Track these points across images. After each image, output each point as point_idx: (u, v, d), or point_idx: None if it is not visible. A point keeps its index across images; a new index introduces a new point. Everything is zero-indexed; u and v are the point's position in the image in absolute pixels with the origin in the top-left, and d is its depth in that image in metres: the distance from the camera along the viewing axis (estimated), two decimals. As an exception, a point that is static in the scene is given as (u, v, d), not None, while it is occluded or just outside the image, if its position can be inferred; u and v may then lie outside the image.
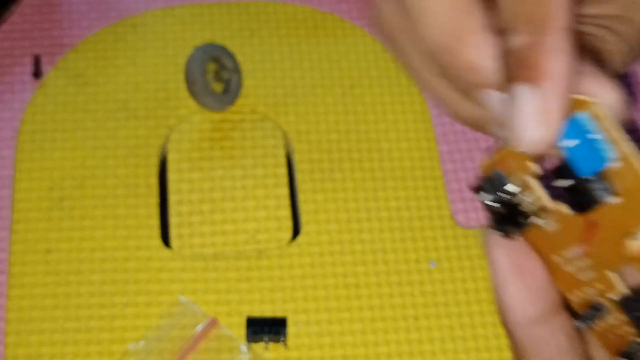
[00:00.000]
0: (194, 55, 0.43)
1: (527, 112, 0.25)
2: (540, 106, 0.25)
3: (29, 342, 0.38)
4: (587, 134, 0.24)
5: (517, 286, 0.28)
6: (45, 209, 0.41)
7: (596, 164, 0.24)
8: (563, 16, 0.25)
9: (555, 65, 0.25)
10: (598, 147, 0.24)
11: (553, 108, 0.25)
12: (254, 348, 0.38)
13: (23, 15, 0.47)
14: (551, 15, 0.25)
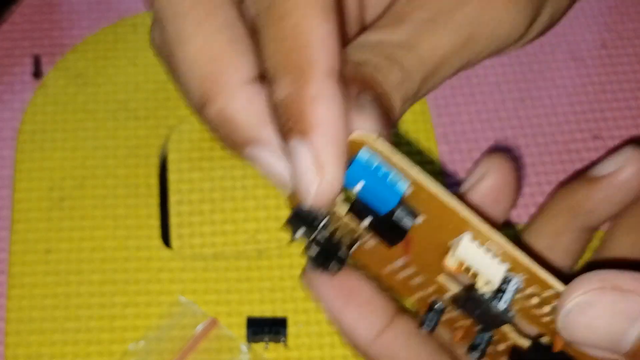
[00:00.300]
0: (194, 55, 0.43)
1: (304, 167, 0.23)
2: (315, 159, 0.23)
3: (29, 342, 0.37)
4: (374, 172, 0.24)
5: (352, 311, 0.29)
6: (45, 209, 0.41)
7: (392, 198, 0.24)
8: (325, 60, 0.24)
9: (320, 113, 0.23)
10: (388, 181, 0.24)
11: (327, 159, 0.23)
12: (254, 348, 0.38)
13: (23, 15, 0.47)
14: (311, 62, 0.24)
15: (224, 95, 0.25)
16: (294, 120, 0.24)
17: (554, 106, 0.45)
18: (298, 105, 0.23)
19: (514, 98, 0.45)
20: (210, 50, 0.26)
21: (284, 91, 0.24)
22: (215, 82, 0.25)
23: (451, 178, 0.42)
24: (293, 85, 0.24)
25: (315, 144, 0.23)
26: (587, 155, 0.43)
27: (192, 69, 0.26)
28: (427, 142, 0.43)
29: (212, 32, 0.26)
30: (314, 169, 0.23)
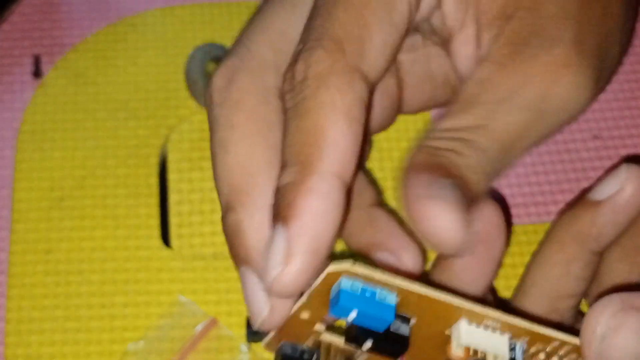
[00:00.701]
0: (194, 55, 0.43)
1: (275, 251, 0.24)
2: (286, 247, 0.24)
3: (28, 342, 0.37)
4: (361, 296, 0.24)
5: None
6: (45, 208, 0.41)
7: (388, 313, 0.24)
8: (332, 161, 0.25)
9: (307, 206, 0.24)
10: (377, 299, 0.24)
11: (297, 250, 0.24)
12: (254, 348, 0.38)
13: (23, 15, 0.47)
14: (319, 158, 0.25)
15: (245, 210, 0.27)
16: (283, 206, 0.25)
17: (554, 106, 0.45)
18: (292, 194, 0.25)
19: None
20: (249, 166, 0.27)
21: (287, 178, 0.25)
22: (244, 195, 0.27)
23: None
24: (296, 175, 0.25)
25: (291, 231, 0.24)
26: (587, 155, 0.43)
27: (226, 176, 0.28)
28: (427, 142, 0.43)
29: (256, 151, 0.27)
30: (283, 256, 0.24)
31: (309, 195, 0.24)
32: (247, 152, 0.27)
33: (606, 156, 0.43)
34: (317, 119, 0.25)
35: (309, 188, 0.24)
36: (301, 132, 0.25)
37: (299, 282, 0.24)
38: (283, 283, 0.24)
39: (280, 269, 0.24)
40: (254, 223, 0.27)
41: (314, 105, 0.25)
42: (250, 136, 0.28)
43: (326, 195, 0.24)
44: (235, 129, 0.28)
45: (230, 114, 0.28)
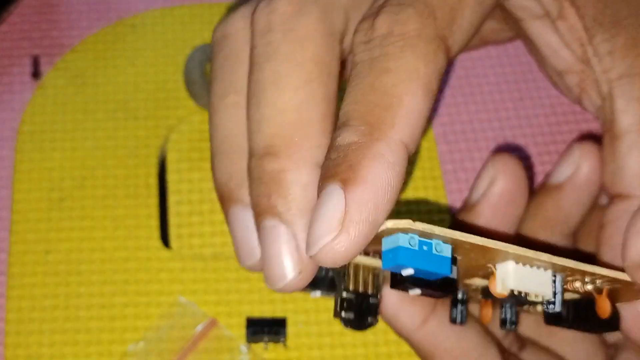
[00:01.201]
0: (193, 55, 0.43)
1: (329, 214, 0.22)
2: (343, 211, 0.22)
3: (28, 342, 0.37)
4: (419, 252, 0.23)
5: (396, 301, 0.30)
6: (44, 209, 0.41)
7: (444, 269, 0.24)
8: (404, 130, 0.23)
9: (375, 173, 0.22)
10: (434, 253, 0.24)
11: (356, 217, 0.22)
12: (253, 348, 0.38)
13: (22, 15, 0.47)
14: (391, 123, 0.23)
15: (295, 161, 0.25)
16: (345, 167, 0.22)
17: (553, 106, 0.45)
18: (357, 155, 0.23)
19: (514, 98, 0.45)
20: (306, 113, 0.25)
21: (350, 137, 0.23)
22: (295, 144, 0.25)
23: (450, 178, 0.42)
24: (363, 137, 0.23)
25: (352, 196, 0.22)
26: (587, 155, 0.43)
27: (275, 117, 0.25)
28: (427, 142, 0.43)
29: (315, 97, 0.25)
30: (338, 221, 0.22)
31: (377, 161, 0.22)
32: (306, 97, 0.25)
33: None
34: (395, 81, 0.23)
35: (378, 153, 0.22)
36: (375, 92, 0.23)
37: (351, 253, 0.22)
38: (334, 252, 0.22)
39: (333, 235, 0.22)
40: (301, 177, 0.24)
41: (396, 66, 0.23)
42: (312, 80, 0.25)
43: (394, 164, 0.23)
44: (298, 67, 0.25)
45: (295, 48, 0.25)
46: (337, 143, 0.23)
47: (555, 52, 0.31)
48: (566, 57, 0.31)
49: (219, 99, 0.28)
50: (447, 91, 0.45)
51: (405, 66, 0.24)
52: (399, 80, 0.23)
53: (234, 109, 0.27)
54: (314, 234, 0.22)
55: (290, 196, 0.24)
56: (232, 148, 0.27)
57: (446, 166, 0.43)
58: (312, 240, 0.23)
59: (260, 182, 0.25)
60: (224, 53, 0.28)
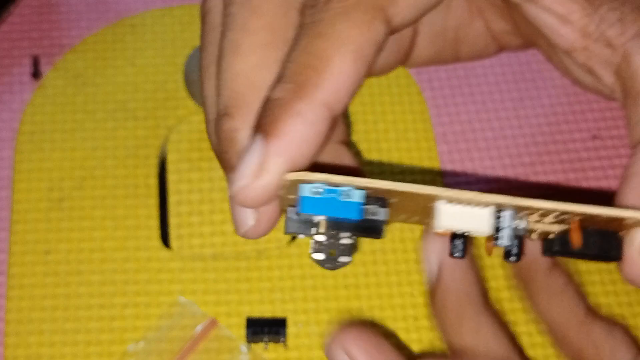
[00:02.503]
0: (193, 55, 0.43)
1: (249, 160, 0.25)
2: (261, 161, 0.24)
3: (28, 343, 0.37)
4: (324, 199, 0.25)
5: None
6: (44, 209, 0.41)
7: (352, 212, 0.25)
8: (328, 93, 0.25)
9: (292, 130, 0.24)
10: (339, 200, 0.25)
11: (270, 167, 0.24)
12: (253, 348, 0.38)
13: (22, 15, 0.47)
14: (315, 84, 0.25)
15: (243, 120, 0.26)
16: (268, 120, 0.25)
17: (553, 106, 0.45)
18: (280, 111, 0.25)
19: (514, 98, 0.45)
20: (256, 75, 0.27)
21: (278, 94, 0.25)
22: (244, 104, 0.26)
23: (450, 178, 0.42)
24: (289, 93, 0.25)
25: (269, 148, 0.24)
26: (587, 155, 0.43)
27: (231, 80, 0.27)
28: (427, 142, 0.43)
29: (266, 61, 0.27)
30: (255, 168, 0.25)
31: (296, 118, 0.24)
32: (258, 61, 0.27)
33: (606, 156, 0.43)
34: (326, 46, 0.25)
35: (298, 111, 0.25)
36: (307, 53, 0.25)
37: (263, 198, 0.25)
38: (247, 195, 0.25)
39: (249, 180, 0.25)
40: (249, 133, 0.26)
41: (329, 32, 0.25)
42: (264, 45, 0.27)
43: (312, 123, 0.25)
44: (251, 34, 0.27)
45: (249, 17, 0.27)
46: (269, 97, 0.25)
47: (556, 31, 0.31)
48: (567, 34, 0.31)
49: (204, 71, 0.30)
50: (447, 91, 0.45)
51: (337, 32, 0.25)
52: (329, 45, 0.25)
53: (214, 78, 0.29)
54: (234, 177, 0.25)
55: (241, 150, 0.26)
56: None
57: (446, 166, 0.43)
58: (232, 181, 0.25)
59: (219, 140, 0.27)
60: (206, 27, 0.31)
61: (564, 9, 0.31)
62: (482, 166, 0.43)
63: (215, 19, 0.30)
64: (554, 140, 0.43)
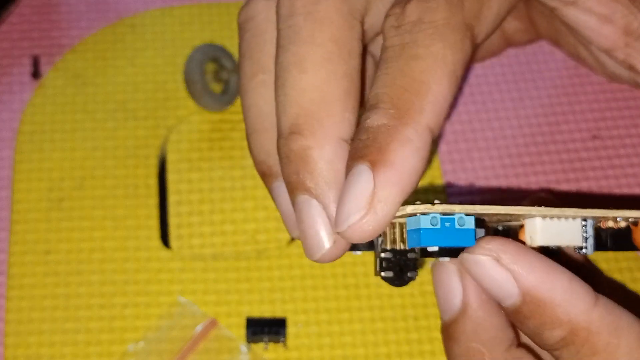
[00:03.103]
0: (193, 55, 0.43)
1: (358, 193, 0.24)
2: (374, 191, 0.23)
3: (28, 343, 0.37)
4: (441, 229, 0.25)
5: None
6: (44, 209, 0.41)
7: (467, 241, 0.25)
8: (432, 116, 0.24)
9: (403, 157, 0.24)
10: (456, 229, 0.25)
11: (384, 198, 0.23)
12: (253, 348, 0.38)
13: (21, 15, 0.47)
14: (420, 109, 0.24)
15: (318, 138, 0.25)
16: (374, 149, 0.24)
17: (553, 106, 0.45)
18: (387, 138, 0.24)
19: (514, 98, 0.45)
20: (326, 91, 0.26)
21: (380, 120, 0.24)
22: (317, 122, 0.26)
23: (450, 176, 0.42)
24: (392, 120, 0.24)
25: (381, 177, 0.23)
26: (587, 155, 0.43)
27: (299, 97, 0.26)
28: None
29: (335, 75, 0.26)
30: (366, 200, 0.23)
31: (405, 145, 0.24)
32: (327, 75, 0.26)
33: (605, 156, 0.43)
34: (424, 68, 0.24)
35: (406, 137, 0.24)
36: (405, 77, 0.24)
37: (377, 231, 0.24)
38: (362, 229, 0.24)
39: (361, 214, 0.23)
40: (325, 153, 0.25)
41: (424, 53, 0.25)
42: (332, 59, 0.26)
43: (419, 149, 0.24)
44: (317, 47, 0.26)
45: (315, 30, 0.26)
46: (366, 124, 0.24)
47: (597, 31, 0.32)
48: (609, 34, 0.31)
49: (248, 79, 0.29)
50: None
51: (433, 54, 0.25)
52: (427, 67, 0.24)
53: (263, 87, 0.28)
54: (343, 211, 0.24)
55: (317, 171, 0.25)
56: (265, 126, 0.29)
57: (446, 166, 0.43)
58: (340, 217, 0.24)
59: (289, 160, 0.26)
60: (250, 34, 0.29)
61: (607, 9, 0.31)
62: (482, 166, 0.43)
63: (263, 25, 0.29)
64: (554, 140, 0.43)
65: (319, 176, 0.25)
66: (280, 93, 0.27)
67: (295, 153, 0.26)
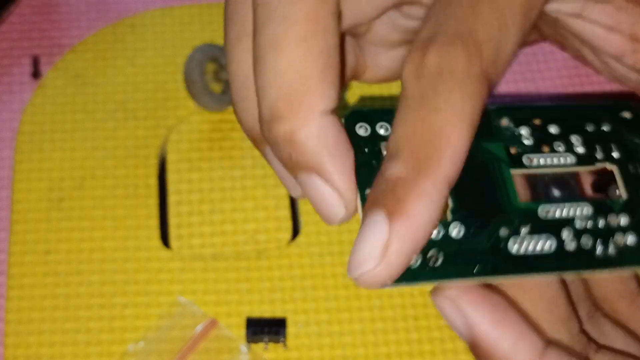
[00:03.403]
0: (193, 55, 0.43)
1: (372, 241, 0.24)
2: (387, 243, 0.24)
3: (28, 343, 0.37)
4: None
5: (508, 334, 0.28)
6: (44, 209, 0.41)
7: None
8: (450, 170, 0.24)
9: (419, 211, 0.24)
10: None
11: (398, 250, 0.24)
12: (253, 348, 0.38)
13: (22, 15, 0.47)
14: (439, 163, 0.24)
15: (301, 118, 0.25)
16: (392, 200, 0.24)
17: (553, 106, 0.45)
18: (405, 190, 0.24)
19: (514, 98, 0.45)
20: (303, 70, 0.26)
21: (398, 171, 0.24)
22: (297, 102, 0.26)
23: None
24: (410, 172, 0.24)
25: (397, 229, 0.24)
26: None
27: (276, 80, 0.26)
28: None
29: (312, 53, 0.26)
30: (381, 250, 0.24)
31: (423, 198, 0.24)
32: (303, 54, 0.26)
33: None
34: (444, 121, 0.25)
35: (424, 191, 0.24)
36: (425, 129, 0.25)
37: (388, 281, 0.24)
38: (374, 278, 0.24)
39: (374, 263, 0.24)
40: (312, 129, 0.25)
41: (444, 106, 0.25)
42: (308, 38, 0.26)
43: (437, 203, 0.24)
44: (294, 27, 0.26)
45: (289, 9, 0.26)
46: (386, 175, 0.24)
47: (603, 40, 0.32)
48: (616, 42, 0.31)
49: (233, 45, 0.28)
50: (447, 91, 0.45)
51: (453, 105, 0.25)
52: (447, 120, 0.25)
53: (248, 52, 0.28)
54: (357, 258, 0.24)
55: (309, 150, 0.25)
56: (252, 93, 0.28)
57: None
58: (353, 264, 0.24)
59: (277, 145, 0.26)
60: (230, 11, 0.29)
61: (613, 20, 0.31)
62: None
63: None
64: (554, 140, 0.43)
65: (312, 153, 0.25)
66: (258, 78, 0.26)
67: (282, 137, 0.26)
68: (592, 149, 0.27)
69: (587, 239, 0.26)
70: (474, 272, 0.25)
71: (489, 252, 0.25)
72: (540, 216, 0.26)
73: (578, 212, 0.26)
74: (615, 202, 0.27)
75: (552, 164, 0.27)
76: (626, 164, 0.28)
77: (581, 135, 0.28)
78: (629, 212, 0.27)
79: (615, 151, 0.28)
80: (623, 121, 0.28)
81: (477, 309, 0.27)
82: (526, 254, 0.25)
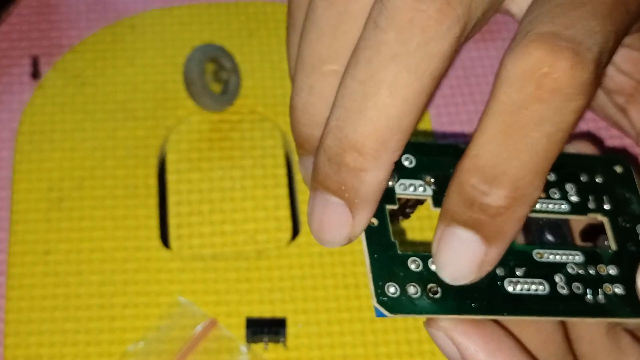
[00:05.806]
0: (193, 55, 0.43)
1: (469, 260, 0.25)
2: (482, 259, 0.25)
3: (28, 343, 0.37)
4: None
5: None
6: (44, 209, 0.41)
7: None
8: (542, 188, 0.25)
9: (514, 232, 0.25)
10: None
11: (491, 264, 0.25)
12: (253, 349, 0.38)
13: (21, 16, 0.47)
14: (538, 186, 0.25)
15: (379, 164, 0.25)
16: (492, 228, 0.25)
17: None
18: (504, 220, 0.25)
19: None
20: (404, 121, 0.25)
21: (500, 201, 0.25)
22: (384, 149, 0.25)
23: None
24: (512, 202, 0.25)
25: (496, 252, 0.25)
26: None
27: (378, 119, 0.25)
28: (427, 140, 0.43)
29: (417, 109, 0.25)
30: (477, 267, 0.25)
31: (518, 224, 0.25)
32: (412, 108, 0.25)
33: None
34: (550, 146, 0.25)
35: (523, 216, 0.25)
36: (522, 161, 0.25)
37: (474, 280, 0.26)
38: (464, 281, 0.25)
39: (472, 278, 0.25)
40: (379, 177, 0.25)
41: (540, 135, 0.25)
42: (422, 94, 0.25)
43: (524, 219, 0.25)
44: (416, 81, 0.25)
45: (422, 61, 0.24)
46: (486, 203, 0.25)
47: (611, 79, 0.32)
48: (622, 81, 0.32)
49: (316, 64, 0.27)
50: (447, 91, 0.45)
51: (547, 131, 0.25)
52: (551, 146, 0.25)
53: (333, 78, 0.26)
54: (456, 271, 0.25)
55: (364, 191, 0.25)
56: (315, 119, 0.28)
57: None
58: (451, 277, 0.25)
59: (335, 168, 0.25)
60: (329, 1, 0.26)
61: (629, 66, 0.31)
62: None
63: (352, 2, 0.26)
64: (554, 140, 0.43)
65: (365, 195, 0.25)
66: (358, 100, 0.25)
67: (348, 168, 0.25)
68: (585, 199, 0.28)
69: (578, 285, 0.26)
70: (471, 308, 0.25)
71: (486, 290, 0.25)
72: (534, 259, 0.26)
73: (570, 258, 0.27)
74: (605, 252, 0.27)
75: (547, 209, 0.28)
76: (616, 217, 0.28)
77: (575, 184, 0.28)
78: (617, 263, 0.27)
79: (606, 203, 0.28)
80: (615, 175, 0.29)
81: (471, 339, 0.27)
82: (522, 293, 0.26)
